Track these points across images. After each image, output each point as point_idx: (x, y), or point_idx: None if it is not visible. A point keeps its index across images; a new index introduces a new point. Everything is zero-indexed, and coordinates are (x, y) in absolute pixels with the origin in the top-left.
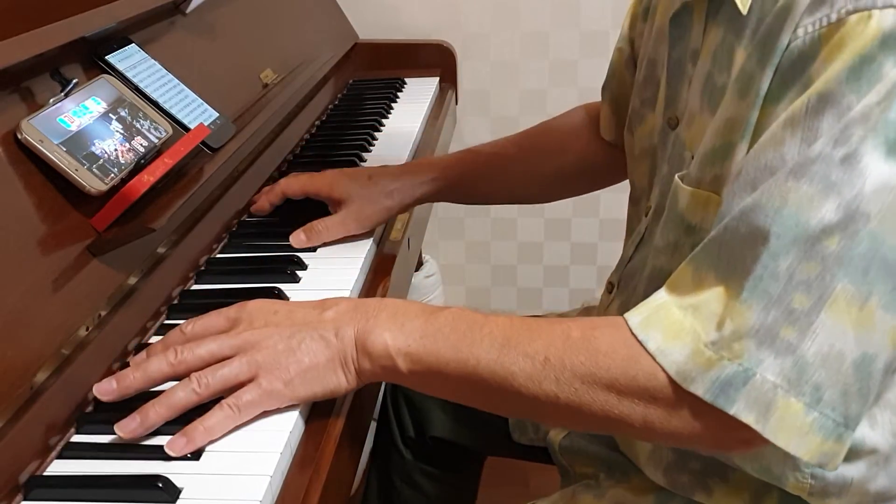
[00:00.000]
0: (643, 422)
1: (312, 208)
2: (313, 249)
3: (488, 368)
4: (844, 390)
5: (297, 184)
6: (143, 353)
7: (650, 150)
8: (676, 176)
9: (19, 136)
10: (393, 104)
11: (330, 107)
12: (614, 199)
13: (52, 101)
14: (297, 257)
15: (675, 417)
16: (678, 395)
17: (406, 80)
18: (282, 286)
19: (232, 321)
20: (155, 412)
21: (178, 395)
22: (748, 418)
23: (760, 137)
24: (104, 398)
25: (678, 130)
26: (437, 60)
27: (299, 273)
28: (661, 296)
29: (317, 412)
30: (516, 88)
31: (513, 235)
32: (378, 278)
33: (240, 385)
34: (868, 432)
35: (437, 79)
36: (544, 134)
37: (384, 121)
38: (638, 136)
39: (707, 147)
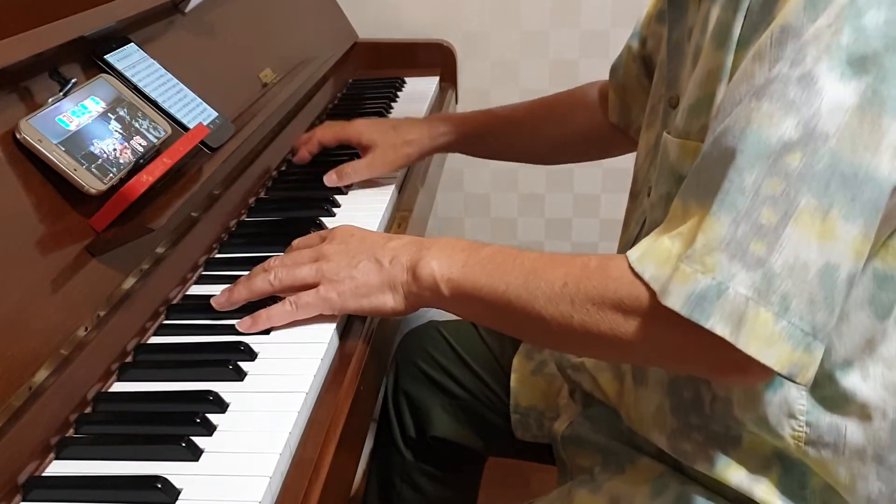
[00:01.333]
0: (644, 341)
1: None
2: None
3: (515, 292)
4: (811, 299)
5: (330, 132)
6: (253, 269)
7: (655, 144)
8: (665, 131)
9: (18, 136)
10: (393, 104)
11: (330, 106)
12: (614, 200)
13: (50, 100)
14: None
15: (668, 334)
16: (662, 313)
17: (406, 79)
18: None
19: (322, 238)
20: (238, 292)
21: (258, 283)
22: (724, 331)
23: (734, 77)
24: (217, 307)
25: (678, 109)
26: (437, 60)
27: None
28: (658, 230)
29: (316, 412)
30: (516, 88)
31: (513, 235)
32: None
33: (305, 287)
34: (860, 384)
35: (437, 78)
36: (556, 103)
37: None
38: (650, 133)
39: (692, 100)
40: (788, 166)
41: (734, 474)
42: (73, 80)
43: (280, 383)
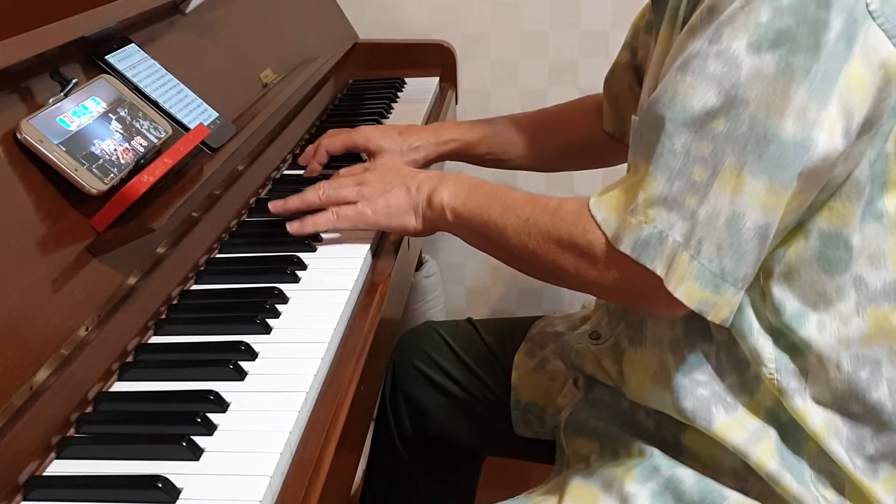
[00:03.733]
0: (581, 272)
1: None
2: (313, 249)
3: (493, 223)
4: (719, 244)
5: (337, 141)
6: (307, 188)
7: None
8: (633, 116)
9: (19, 136)
10: (393, 104)
11: (330, 107)
12: None
13: (51, 101)
14: (297, 257)
15: (611, 269)
16: (612, 252)
17: (406, 79)
18: (282, 286)
19: (365, 168)
20: (292, 201)
21: (310, 196)
22: (661, 272)
23: (671, 50)
24: (272, 210)
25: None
26: (437, 60)
27: (299, 273)
28: (614, 182)
29: (317, 412)
30: (516, 88)
31: None
32: (378, 278)
33: (346, 203)
34: (816, 335)
35: (437, 79)
36: (558, 113)
37: (384, 121)
38: None
39: (651, 82)
40: (714, 130)
41: (734, 434)
42: (74, 81)
43: (280, 383)
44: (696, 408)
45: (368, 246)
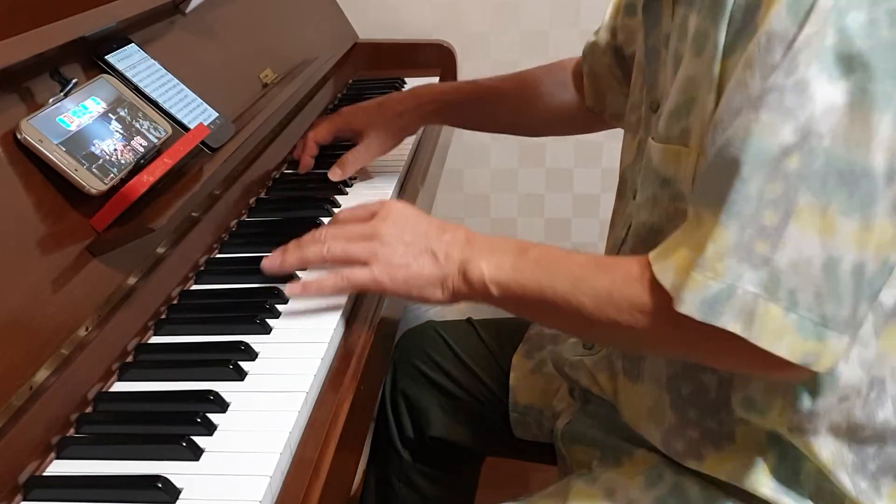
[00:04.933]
0: (644, 336)
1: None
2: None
3: (563, 298)
4: (817, 292)
5: (323, 130)
6: (303, 238)
7: (639, 148)
8: (649, 137)
9: (19, 136)
10: None
11: (330, 107)
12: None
13: (51, 100)
14: None
15: (676, 331)
16: (676, 314)
17: (406, 79)
18: (282, 286)
19: (371, 213)
20: (289, 261)
21: (310, 254)
22: (735, 328)
23: (728, 86)
24: (266, 271)
25: (660, 112)
26: (437, 60)
27: (299, 273)
28: (676, 237)
29: (317, 412)
30: None
31: (513, 236)
32: None
33: (355, 262)
34: (842, 366)
35: (437, 79)
36: (539, 80)
37: None
38: (633, 136)
39: (671, 105)
40: (787, 168)
41: (722, 470)
42: (74, 81)
43: (280, 383)
44: (685, 450)
45: None
